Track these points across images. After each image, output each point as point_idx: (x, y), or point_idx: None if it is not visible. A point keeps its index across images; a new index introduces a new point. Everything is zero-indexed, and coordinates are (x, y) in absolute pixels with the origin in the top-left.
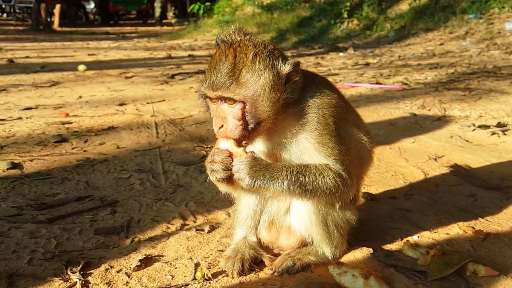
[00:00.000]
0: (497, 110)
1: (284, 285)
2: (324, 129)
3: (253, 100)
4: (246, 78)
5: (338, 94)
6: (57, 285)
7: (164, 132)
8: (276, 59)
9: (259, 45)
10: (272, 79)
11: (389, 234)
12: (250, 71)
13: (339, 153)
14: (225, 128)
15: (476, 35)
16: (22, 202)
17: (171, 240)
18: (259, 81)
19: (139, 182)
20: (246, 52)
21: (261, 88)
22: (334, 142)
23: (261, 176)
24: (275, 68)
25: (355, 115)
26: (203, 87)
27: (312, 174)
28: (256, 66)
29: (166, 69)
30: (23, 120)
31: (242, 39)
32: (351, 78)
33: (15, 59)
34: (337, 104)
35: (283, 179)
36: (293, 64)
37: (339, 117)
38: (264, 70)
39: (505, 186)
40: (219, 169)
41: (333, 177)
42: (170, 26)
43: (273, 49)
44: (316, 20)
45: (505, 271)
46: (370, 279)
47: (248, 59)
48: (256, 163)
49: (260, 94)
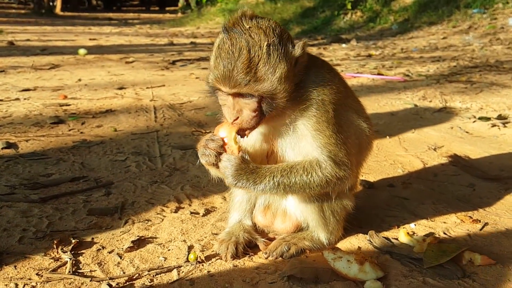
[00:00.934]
0: (498, 103)
1: (278, 269)
2: (322, 116)
3: (271, 93)
4: (263, 72)
5: (339, 78)
6: (47, 264)
7: (162, 117)
8: (286, 44)
9: (269, 32)
10: (287, 68)
11: (386, 222)
12: (267, 64)
13: (335, 142)
14: (241, 120)
15: (479, 29)
16: (16, 181)
17: (165, 222)
18: (276, 74)
19: (135, 164)
20: (260, 43)
21: (278, 80)
22: (331, 130)
23: (244, 179)
24: (288, 55)
25: (356, 101)
26: (216, 81)
27: (298, 176)
28: (271, 58)
29: (167, 55)
30: (20, 101)
31: (252, 27)
32: (353, 69)
33: (16, 41)
34: (337, 90)
35: (265, 184)
36: (302, 47)
37: (339, 103)
38: (280, 61)
39: (504, 177)
40: (211, 154)
41: (322, 174)
42: (173, 13)
43: (281, 32)
44: (319, 11)
45: (502, 260)
46: (365, 264)
47: (263, 51)
48: (242, 166)
49: (277, 87)
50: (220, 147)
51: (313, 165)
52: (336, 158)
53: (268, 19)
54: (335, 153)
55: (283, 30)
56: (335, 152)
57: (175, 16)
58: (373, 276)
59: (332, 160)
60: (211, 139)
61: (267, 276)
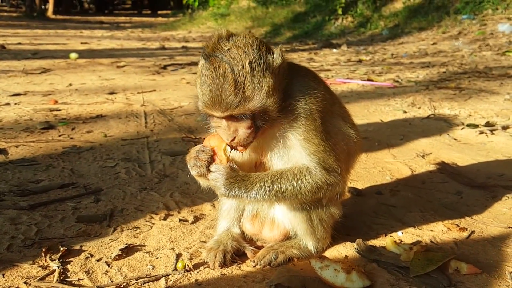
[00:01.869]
0: (486, 110)
1: (266, 277)
2: (310, 125)
3: (262, 108)
4: (250, 90)
5: (324, 86)
6: (35, 272)
7: (153, 122)
8: (266, 56)
9: (248, 49)
10: (272, 80)
11: (373, 230)
12: (253, 81)
13: (324, 150)
14: (238, 139)
15: (469, 35)
16: (5, 187)
17: (154, 230)
18: (263, 89)
19: (124, 171)
20: (242, 62)
21: (266, 95)
22: (319, 138)
23: (236, 188)
24: (270, 67)
25: (342, 107)
26: (207, 108)
27: (288, 181)
28: (256, 74)
29: (158, 60)
30: (10, 106)
31: (230, 47)
32: (343, 74)
33: (7, 45)
34: (323, 98)
35: (257, 191)
36: (280, 53)
37: (325, 111)
38: (264, 75)
39: (491, 185)
40: (202, 165)
41: (313, 180)
42: (165, 17)
43: (258, 45)
44: (310, 16)
45: (488, 269)
46: (352, 273)
47: (247, 70)
48: (232, 175)
49: (267, 100)
50: (210, 157)
51: (303, 171)
52: (325, 165)
53: (243, 36)
54: (324, 160)
55: (260, 43)
56: (324, 159)
57: (167, 20)
58: (360, 285)
59: (322, 167)
60: (202, 151)
61: (255, 285)
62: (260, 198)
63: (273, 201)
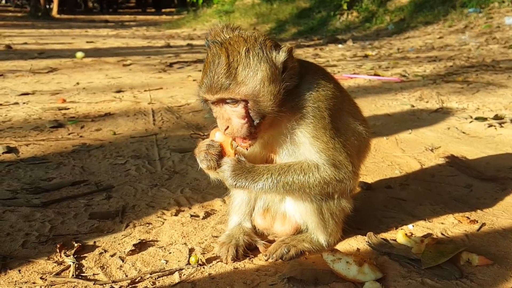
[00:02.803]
0: (494, 103)
1: (278, 271)
2: (319, 123)
3: (254, 96)
4: (243, 75)
5: (335, 83)
6: (50, 268)
7: (161, 120)
8: (270, 50)
9: (249, 39)
10: (270, 71)
11: (384, 223)
12: (246, 67)
13: (334, 147)
14: (231, 129)
15: (475, 29)
16: (17, 186)
17: (166, 225)
18: (257, 76)
19: (134, 168)
20: (238, 49)
21: (260, 83)
22: (329, 136)
23: (243, 179)
24: (270, 59)
25: (352, 104)
26: (202, 92)
27: (296, 175)
28: (251, 61)
29: (164, 58)
30: (19, 105)
31: (232, 36)
32: (350, 69)
33: (13, 45)
34: (333, 95)
35: (264, 182)
36: (287, 51)
37: (335, 108)
38: (260, 64)
39: (501, 177)
40: (212, 159)
41: (320, 176)
42: (169, 15)
43: (264, 39)
44: (315, 12)
45: (499, 260)
46: (364, 266)
47: (242, 55)
48: (239, 166)
49: (260, 89)
50: (220, 152)
51: (311, 166)
52: (335, 161)
53: (252, 31)
54: (334, 157)
55: (267, 39)
56: (334, 156)
57: (171, 17)
58: (372, 277)
59: (331, 163)
60: (212, 145)
61: (268, 278)
62: (267, 189)
63: (281, 193)
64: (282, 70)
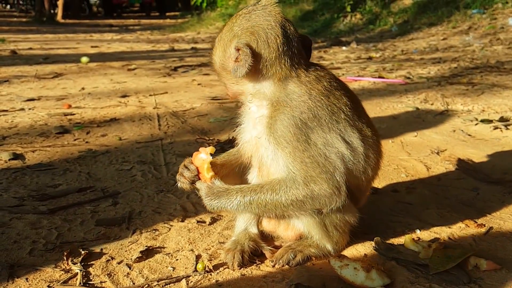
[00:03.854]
0: (499, 105)
1: (285, 277)
2: (297, 131)
3: (217, 73)
4: (212, 57)
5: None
6: (58, 276)
7: (166, 124)
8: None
9: (232, 27)
10: (223, 59)
11: (391, 228)
12: (215, 51)
13: (310, 160)
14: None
15: (479, 30)
16: (24, 192)
17: (173, 231)
18: (215, 60)
19: (140, 173)
20: (219, 36)
21: (219, 66)
22: (301, 147)
23: (216, 201)
24: (229, 48)
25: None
26: None
27: (267, 194)
28: (216, 47)
29: (169, 62)
30: (25, 111)
31: (230, 22)
32: (354, 72)
33: (18, 50)
34: (327, 104)
35: (237, 203)
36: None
37: (324, 120)
38: (219, 52)
39: (508, 180)
40: (185, 182)
41: (292, 192)
42: (173, 19)
43: (243, 30)
44: (319, 14)
45: (507, 265)
46: (371, 272)
47: (216, 41)
48: (211, 191)
49: (219, 71)
50: (195, 176)
51: (281, 184)
52: (306, 177)
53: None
54: (305, 171)
55: (248, 29)
56: (304, 171)
57: (175, 21)
58: (380, 283)
59: (302, 180)
60: (187, 168)
61: (275, 285)
62: (242, 209)
63: (258, 213)
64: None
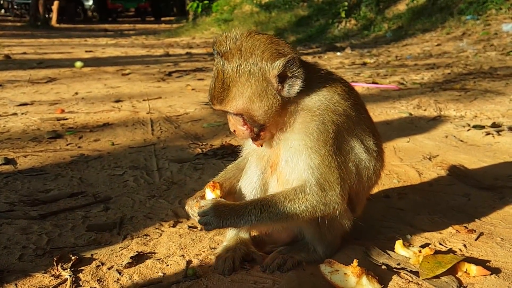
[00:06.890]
0: (492, 111)
1: (276, 283)
2: (321, 135)
3: (246, 111)
4: (234, 92)
5: (353, 100)
6: (47, 282)
7: (159, 129)
8: (265, 62)
9: (246, 52)
10: (259, 87)
11: (382, 233)
12: (236, 84)
13: (329, 164)
14: (237, 133)
15: (473, 36)
16: (15, 198)
17: (164, 237)
18: (245, 93)
19: (133, 179)
20: (232, 65)
21: (248, 100)
22: (327, 151)
23: (227, 217)
24: (262, 74)
25: (366, 130)
26: (209, 100)
27: (280, 203)
28: (240, 78)
29: (163, 67)
30: (18, 116)
31: (232, 48)
32: (348, 77)
33: (12, 55)
34: (344, 113)
35: (248, 215)
36: (284, 62)
37: (343, 127)
38: (249, 81)
39: (499, 186)
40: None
41: (307, 199)
42: (168, 24)
43: (263, 50)
44: (314, 20)
45: (497, 271)
46: (362, 278)
47: (233, 72)
48: (220, 207)
49: (249, 105)
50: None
51: (297, 192)
52: (325, 181)
53: (258, 37)
54: (326, 176)
55: (268, 49)
56: (326, 175)
57: (170, 26)
58: None
59: (320, 184)
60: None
61: None
62: (253, 221)
63: (269, 224)
64: (280, 80)
